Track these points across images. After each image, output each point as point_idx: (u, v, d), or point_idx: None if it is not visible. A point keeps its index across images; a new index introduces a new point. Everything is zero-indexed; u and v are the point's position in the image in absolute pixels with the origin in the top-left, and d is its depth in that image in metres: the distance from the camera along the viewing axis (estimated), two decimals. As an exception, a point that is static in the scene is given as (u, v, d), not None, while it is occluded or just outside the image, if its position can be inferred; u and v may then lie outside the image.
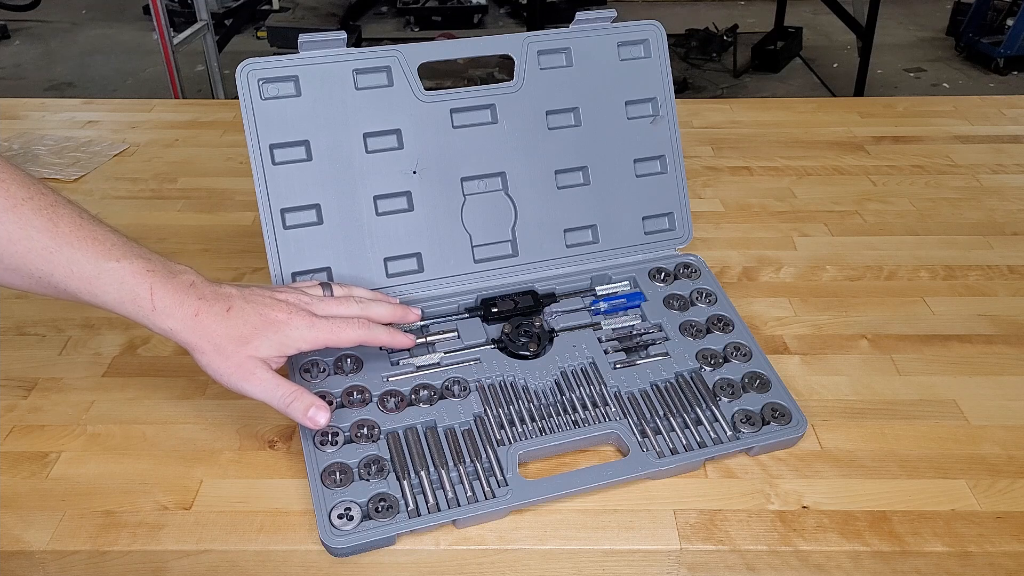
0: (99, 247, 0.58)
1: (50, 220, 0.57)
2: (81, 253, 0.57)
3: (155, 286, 0.59)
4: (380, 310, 0.67)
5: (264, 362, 0.61)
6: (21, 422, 0.70)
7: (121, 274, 0.58)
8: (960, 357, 0.78)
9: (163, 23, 2.81)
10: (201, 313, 0.60)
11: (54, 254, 0.57)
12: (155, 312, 0.59)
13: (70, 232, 0.58)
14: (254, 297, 0.62)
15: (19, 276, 0.57)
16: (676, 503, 0.64)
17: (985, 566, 0.61)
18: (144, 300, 0.59)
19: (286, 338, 0.62)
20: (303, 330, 0.62)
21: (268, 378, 0.61)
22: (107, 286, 0.58)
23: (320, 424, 0.61)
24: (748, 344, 0.75)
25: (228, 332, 0.60)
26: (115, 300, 0.58)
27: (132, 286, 0.58)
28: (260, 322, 0.61)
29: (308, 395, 0.61)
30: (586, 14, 0.82)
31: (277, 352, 0.62)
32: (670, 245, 0.85)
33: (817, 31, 4.42)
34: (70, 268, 0.57)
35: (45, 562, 0.60)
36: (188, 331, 0.59)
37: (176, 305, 0.59)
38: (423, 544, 0.61)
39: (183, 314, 0.59)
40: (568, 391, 0.70)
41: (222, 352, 0.60)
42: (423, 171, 0.78)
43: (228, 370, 0.60)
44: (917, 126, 1.23)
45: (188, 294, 0.60)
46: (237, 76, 0.73)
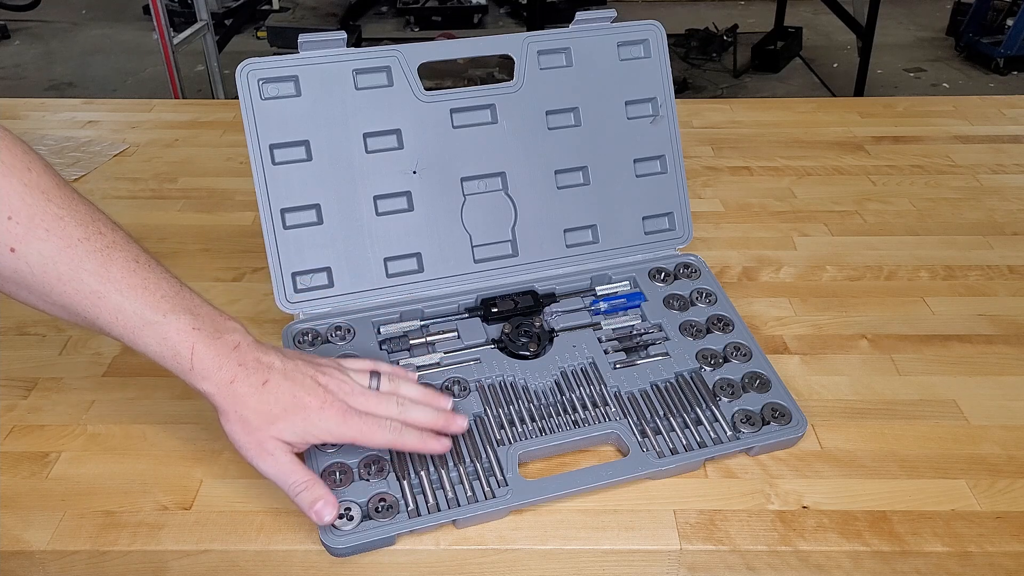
0: (148, 298, 0.57)
1: (102, 265, 0.56)
2: (129, 302, 0.57)
3: (197, 346, 0.58)
4: (420, 416, 0.63)
5: (285, 444, 0.60)
6: (21, 422, 0.70)
7: (166, 330, 0.58)
8: (960, 357, 0.78)
9: (163, 23, 2.81)
10: (237, 381, 0.59)
11: (102, 299, 0.56)
12: (192, 372, 0.58)
13: (121, 279, 0.57)
14: (294, 374, 0.61)
15: (65, 312, 0.57)
16: (676, 503, 0.64)
17: (985, 566, 0.61)
18: (184, 359, 0.58)
19: (313, 427, 0.60)
20: (332, 424, 0.60)
21: (284, 462, 0.59)
22: (150, 339, 0.58)
23: (324, 521, 0.59)
24: (748, 344, 0.75)
25: (258, 407, 0.59)
26: (156, 353, 0.58)
27: (175, 343, 0.58)
28: (292, 404, 0.59)
29: (318, 487, 0.59)
30: (586, 14, 0.82)
31: (301, 439, 0.60)
32: (670, 245, 0.85)
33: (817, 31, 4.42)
34: (116, 316, 0.57)
35: (45, 562, 0.60)
36: (221, 396, 0.59)
37: (215, 368, 0.58)
38: (423, 544, 0.61)
39: (219, 379, 0.59)
40: (568, 391, 0.70)
41: (247, 425, 0.59)
42: (423, 171, 0.78)
43: (248, 444, 0.59)
44: (917, 126, 1.23)
45: (229, 358, 0.59)
46: (237, 76, 0.73)
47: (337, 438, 0.61)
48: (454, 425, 0.64)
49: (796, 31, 4.12)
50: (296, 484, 0.59)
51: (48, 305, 0.57)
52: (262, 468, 0.60)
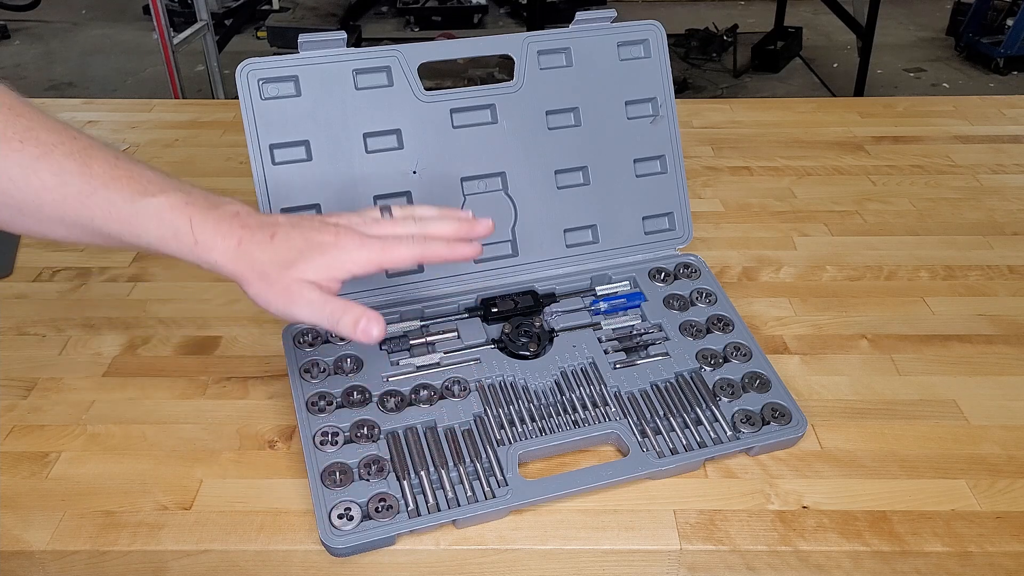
0: (135, 185, 0.56)
1: (83, 164, 0.55)
2: (117, 193, 0.55)
3: (195, 218, 0.56)
4: (441, 227, 0.61)
5: (311, 283, 0.57)
6: (21, 422, 0.70)
7: (159, 209, 0.56)
8: (960, 357, 0.78)
9: (163, 23, 2.80)
10: (244, 242, 0.56)
11: (90, 197, 0.55)
12: (197, 245, 0.56)
13: (104, 172, 0.55)
14: (302, 222, 0.59)
15: (63, 226, 0.56)
16: (676, 503, 0.64)
17: (985, 566, 0.61)
18: (185, 234, 0.56)
19: (334, 260, 0.57)
20: (352, 251, 0.58)
21: (315, 298, 0.57)
22: (147, 223, 0.56)
23: (373, 336, 0.56)
24: (748, 344, 0.75)
25: (272, 258, 0.57)
26: (157, 237, 0.56)
27: (171, 220, 0.56)
28: (305, 246, 0.57)
29: (356, 307, 0.57)
30: (586, 14, 0.82)
31: (326, 275, 0.57)
32: (670, 245, 0.85)
33: (817, 31, 4.42)
34: (108, 210, 0.55)
35: (45, 562, 0.60)
36: (232, 261, 0.56)
37: (219, 236, 0.56)
38: (423, 544, 0.61)
39: (226, 245, 0.56)
40: (568, 391, 0.70)
41: (267, 279, 0.57)
42: (423, 171, 0.78)
43: (274, 296, 0.56)
44: (917, 126, 1.23)
45: (231, 224, 0.57)
46: (237, 76, 0.73)
47: (362, 265, 0.58)
48: (479, 227, 0.62)
49: (796, 31, 4.12)
50: (334, 312, 0.57)
51: (42, 223, 0.56)
52: (295, 312, 0.57)
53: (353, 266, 0.58)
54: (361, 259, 0.58)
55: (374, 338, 0.57)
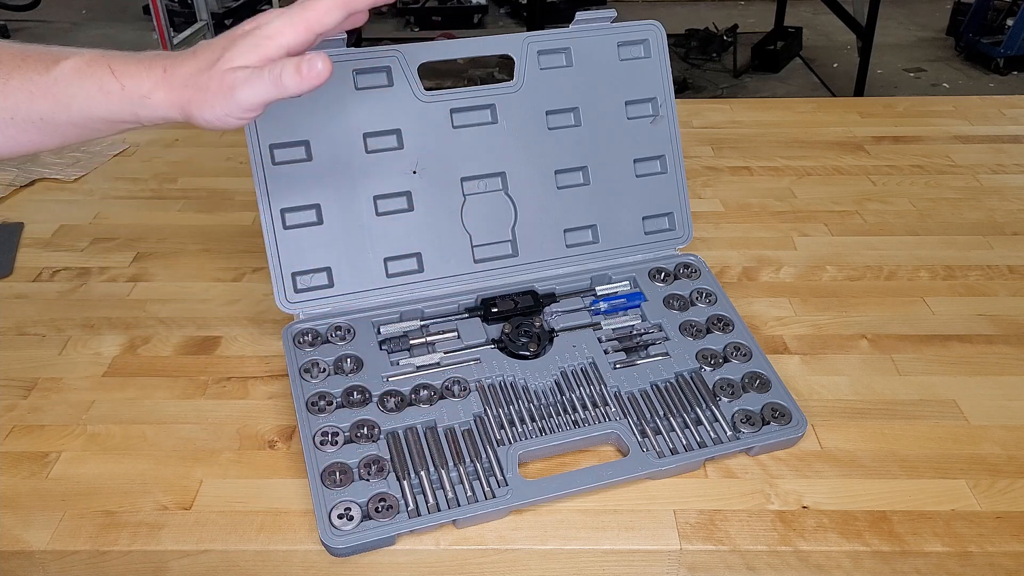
0: (47, 57, 0.55)
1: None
2: (31, 70, 0.54)
3: (114, 65, 0.54)
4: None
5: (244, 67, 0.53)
6: (21, 422, 0.70)
7: (76, 67, 0.54)
8: (960, 357, 0.78)
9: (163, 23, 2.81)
10: (169, 68, 0.54)
11: (6, 85, 0.54)
12: (125, 90, 0.54)
13: (12, 57, 0.55)
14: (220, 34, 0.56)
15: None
16: (676, 503, 0.64)
17: (985, 566, 0.61)
18: (110, 83, 0.54)
19: (259, 37, 0.53)
20: (274, 22, 0.54)
21: (250, 72, 0.52)
22: (70, 88, 0.54)
23: (319, 71, 0.51)
24: (748, 344, 0.75)
25: (199, 65, 0.54)
26: (85, 99, 0.54)
27: (92, 73, 0.54)
28: (227, 41, 0.54)
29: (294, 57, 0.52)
30: (586, 14, 0.82)
31: (255, 55, 0.53)
32: (670, 245, 0.85)
33: (817, 31, 4.42)
34: (28, 89, 0.54)
35: (45, 562, 0.60)
36: (163, 90, 0.54)
37: (143, 74, 0.54)
38: (423, 544, 0.61)
39: (152, 78, 0.54)
40: (568, 391, 0.70)
41: (200, 86, 0.53)
42: (423, 171, 0.78)
43: (214, 99, 0.53)
44: (917, 126, 1.23)
45: (152, 61, 0.55)
46: (237, 76, 0.73)
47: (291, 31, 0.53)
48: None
49: (796, 31, 4.12)
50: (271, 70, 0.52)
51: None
52: (239, 96, 0.53)
53: (280, 36, 0.54)
54: (286, 25, 0.54)
55: (320, 72, 0.51)
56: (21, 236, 0.96)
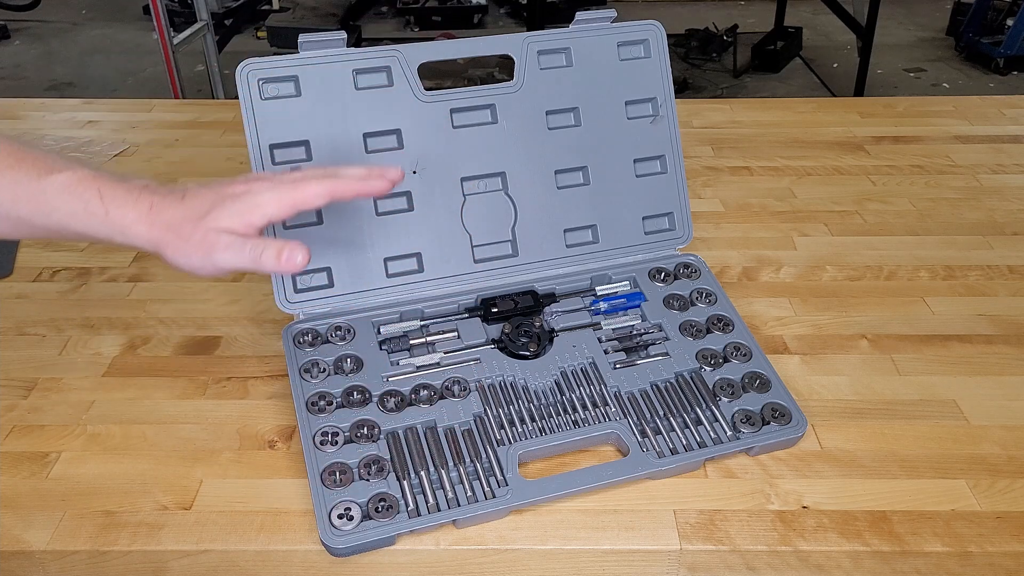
0: (41, 164, 0.56)
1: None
2: (23, 173, 0.55)
3: (104, 189, 0.56)
4: (351, 169, 0.60)
5: (228, 231, 0.56)
6: (21, 422, 0.70)
7: (67, 183, 0.55)
8: (960, 357, 0.78)
9: (163, 23, 2.80)
10: (155, 206, 0.56)
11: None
12: (108, 216, 0.55)
13: (7, 156, 0.55)
14: (211, 183, 0.58)
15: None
16: (676, 503, 0.64)
17: (985, 566, 0.61)
18: (95, 206, 0.55)
19: (246, 204, 0.56)
20: (264, 193, 0.57)
21: (233, 240, 0.55)
22: (55, 200, 0.55)
23: (297, 263, 0.55)
24: (748, 344, 0.75)
25: (185, 214, 0.56)
26: (67, 213, 0.55)
27: (80, 193, 0.55)
28: (218, 197, 0.56)
29: (277, 241, 0.56)
30: (586, 14, 0.82)
31: (240, 221, 0.56)
32: (670, 245, 0.85)
33: (817, 31, 4.42)
34: (15, 191, 0.55)
35: (45, 562, 0.60)
36: (145, 228, 0.56)
37: (129, 204, 0.56)
38: (423, 544, 0.61)
39: (138, 211, 0.56)
40: (568, 391, 0.70)
41: (182, 234, 0.55)
42: (423, 171, 0.78)
43: (193, 249, 0.55)
44: (917, 126, 1.23)
45: (140, 193, 0.56)
46: (237, 76, 0.73)
47: (276, 205, 0.57)
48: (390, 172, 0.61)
49: (796, 31, 4.12)
50: (254, 248, 0.56)
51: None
52: (217, 260, 0.56)
53: (267, 207, 0.57)
54: (273, 199, 0.57)
55: (299, 264, 0.55)
56: (21, 236, 0.96)
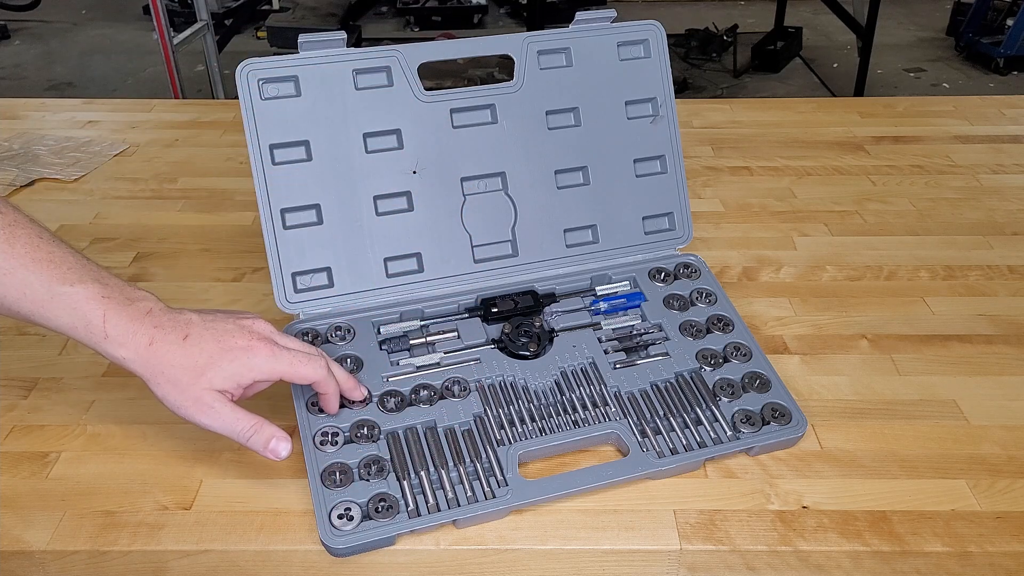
0: (55, 271, 0.57)
1: (6, 241, 0.56)
2: (35, 276, 0.56)
3: (109, 313, 0.57)
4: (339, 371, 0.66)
5: (222, 394, 0.59)
6: (21, 422, 0.70)
7: (74, 299, 0.57)
8: (960, 357, 0.78)
9: (163, 23, 2.80)
10: (156, 342, 0.58)
11: (7, 276, 0.56)
12: (107, 340, 0.57)
13: (25, 254, 0.56)
14: (214, 324, 0.60)
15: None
16: (676, 503, 0.64)
17: (985, 566, 0.61)
18: (96, 327, 0.57)
19: (243, 367, 0.59)
20: (262, 359, 0.60)
21: (226, 412, 0.59)
22: (59, 311, 0.57)
23: (281, 456, 0.60)
24: (748, 344, 0.75)
25: (183, 362, 0.58)
26: (68, 325, 0.57)
27: (84, 312, 0.57)
28: (217, 350, 0.59)
29: (268, 427, 0.60)
30: (586, 14, 0.82)
31: (234, 383, 0.60)
32: (670, 245, 0.85)
33: (817, 31, 4.42)
34: (23, 291, 0.56)
35: (45, 562, 0.60)
36: (141, 361, 0.58)
37: (129, 334, 0.57)
38: (423, 544, 0.61)
39: (136, 343, 0.57)
40: (568, 391, 0.70)
41: (177, 385, 0.58)
42: (423, 171, 0.78)
43: (184, 403, 0.58)
44: (917, 126, 1.23)
45: (143, 322, 0.58)
46: (237, 76, 0.73)
47: (268, 374, 0.61)
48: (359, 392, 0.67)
49: (796, 31, 4.12)
50: (244, 431, 0.59)
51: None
52: (205, 423, 0.59)
53: (259, 374, 0.61)
54: (267, 368, 0.61)
55: (281, 457, 0.60)
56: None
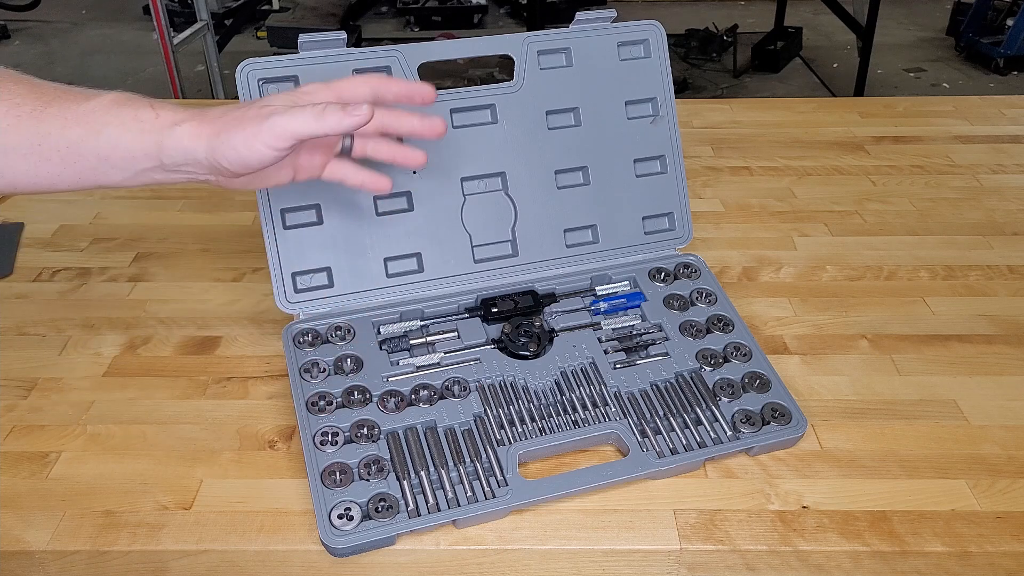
0: (88, 91, 0.57)
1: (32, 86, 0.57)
2: (70, 100, 0.56)
3: (153, 101, 0.57)
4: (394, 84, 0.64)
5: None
6: (21, 422, 0.70)
7: (115, 98, 0.56)
8: (960, 357, 0.78)
9: (163, 23, 2.80)
10: (207, 110, 0.57)
11: (44, 110, 0.55)
12: (159, 119, 0.56)
13: (53, 89, 0.57)
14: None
15: (17, 155, 0.55)
16: (676, 503, 0.64)
17: (985, 566, 0.61)
18: (146, 112, 0.56)
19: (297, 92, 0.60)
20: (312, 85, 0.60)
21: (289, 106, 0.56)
22: (105, 114, 0.56)
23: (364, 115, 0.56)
24: (748, 344, 0.75)
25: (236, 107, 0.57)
26: (117, 126, 0.55)
27: (129, 103, 0.56)
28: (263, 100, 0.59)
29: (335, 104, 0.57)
30: (586, 14, 0.82)
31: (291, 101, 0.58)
32: (670, 245, 0.85)
33: (817, 31, 4.42)
34: (63, 116, 0.55)
35: (45, 562, 0.60)
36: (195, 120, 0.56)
37: (180, 109, 0.57)
38: (423, 544, 0.61)
39: (187, 112, 0.57)
40: (568, 391, 0.70)
41: (234, 117, 0.56)
42: (423, 171, 0.78)
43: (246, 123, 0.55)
44: (917, 126, 1.23)
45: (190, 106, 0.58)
46: (237, 76, 0.73)
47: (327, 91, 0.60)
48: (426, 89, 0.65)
49: (796, 31, 4.12)
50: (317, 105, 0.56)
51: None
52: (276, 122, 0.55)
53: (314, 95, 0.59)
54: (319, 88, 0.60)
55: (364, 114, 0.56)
56: (21, 236, 0.96)
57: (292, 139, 0.56)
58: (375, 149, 0.65)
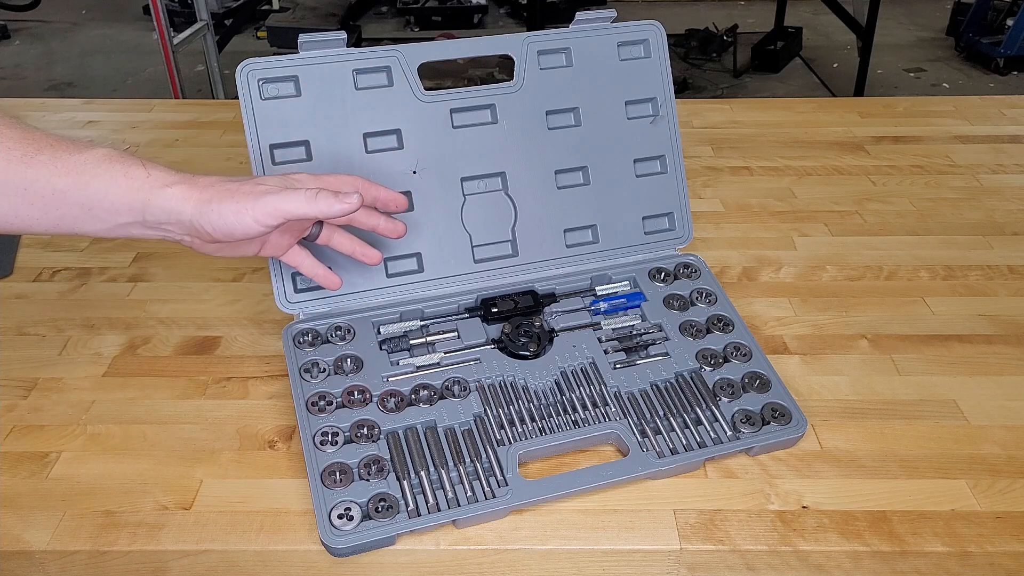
0: (81, 143, 0.58)
1: (25, 131, 0.57)
2: (63, 149, 0.57)
3: (145, 161, 0.58)
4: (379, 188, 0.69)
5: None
6: (21, 422, 0.70)
7: (108, 154, 0.57)
8: (960, 357, 0.78)
9: (163, 23, 2.80)
10: (198, 176, 0.59)
11: (35, 156, 0.56)
12: (149, 178, 0.57)
13: (47, 137, 0.57)
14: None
15: (1, 195, 0.56)
16: (676, 503, 0.64)
17: (985, 566, 0.61)
18: (137, 170, 0.57)
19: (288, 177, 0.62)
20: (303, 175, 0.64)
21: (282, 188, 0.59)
22: (95, 168, 0.56)
23: (354, 204, 0.60)
24: (748, 344, 0.75)
25: (230, 179, 0.59)
26: (106, 180, 0.56)
27: (121, 161, 0.57)
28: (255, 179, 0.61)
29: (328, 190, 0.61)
30: (586, 14, 0.82)
31: (283, 183, 0.61)
32: (670, 245, 0.85)
33: (817, 31, 4.42)
34: (54, 163, 0.56)
35: (45, 562, 0.60)
36: (186, 184, 0.57)
37: (171, 171, 0.58)
38: (423, 544, 0.61)
39: (179, 176, 0.58)
40: (568, 391, 0.70)
41: (226, 189, 0.58)
42: (423, 171, 0.78)
43: (237, 197, 0.58)
44: (917, 126, 1.23)
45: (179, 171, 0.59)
46: (237, 76, 0.73)
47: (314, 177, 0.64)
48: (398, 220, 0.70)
49: (796, 31, 4.12)
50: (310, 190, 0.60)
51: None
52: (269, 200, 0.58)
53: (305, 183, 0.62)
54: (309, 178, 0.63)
55: (353, 203, 0.60)
56: (21, 236, 0.96)
57: (281, 218, 0.59)
58: (338, 242, 0.69)
